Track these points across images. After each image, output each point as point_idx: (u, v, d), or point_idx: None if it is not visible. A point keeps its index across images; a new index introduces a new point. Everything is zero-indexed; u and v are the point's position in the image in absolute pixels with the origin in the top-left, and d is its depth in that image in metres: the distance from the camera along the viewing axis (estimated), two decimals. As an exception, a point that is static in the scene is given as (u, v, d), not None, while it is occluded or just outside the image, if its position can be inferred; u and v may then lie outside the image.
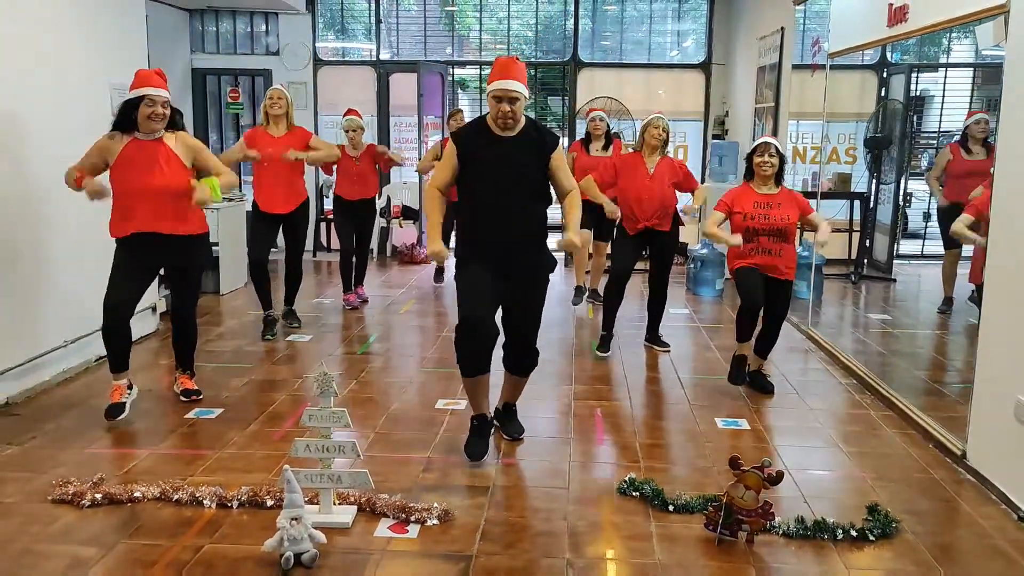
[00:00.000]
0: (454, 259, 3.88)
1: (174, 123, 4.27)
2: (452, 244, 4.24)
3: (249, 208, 6.50)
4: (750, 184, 4.83)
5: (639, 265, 5.70)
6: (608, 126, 6.97)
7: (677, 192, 5.59)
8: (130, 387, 4.37)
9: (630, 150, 5.99)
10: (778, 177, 4.80)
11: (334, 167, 6.77)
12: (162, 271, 4.56)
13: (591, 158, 6.71)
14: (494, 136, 3.67)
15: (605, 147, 6.84)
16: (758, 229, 4.68)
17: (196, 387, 4.63)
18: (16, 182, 4.59)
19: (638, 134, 5.70)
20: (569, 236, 3.75)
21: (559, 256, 3.92)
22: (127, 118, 4.13)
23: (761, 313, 4.83)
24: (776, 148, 4.77)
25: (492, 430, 4.02)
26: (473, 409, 3.93)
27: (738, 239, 4.70)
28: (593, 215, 6.88)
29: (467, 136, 3.75)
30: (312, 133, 6.20)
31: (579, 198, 3.87)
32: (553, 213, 3.90)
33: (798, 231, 5.38)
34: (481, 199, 3.70)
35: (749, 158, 4.85)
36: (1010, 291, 3.54)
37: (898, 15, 4.78)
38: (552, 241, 3.82)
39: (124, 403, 4.27)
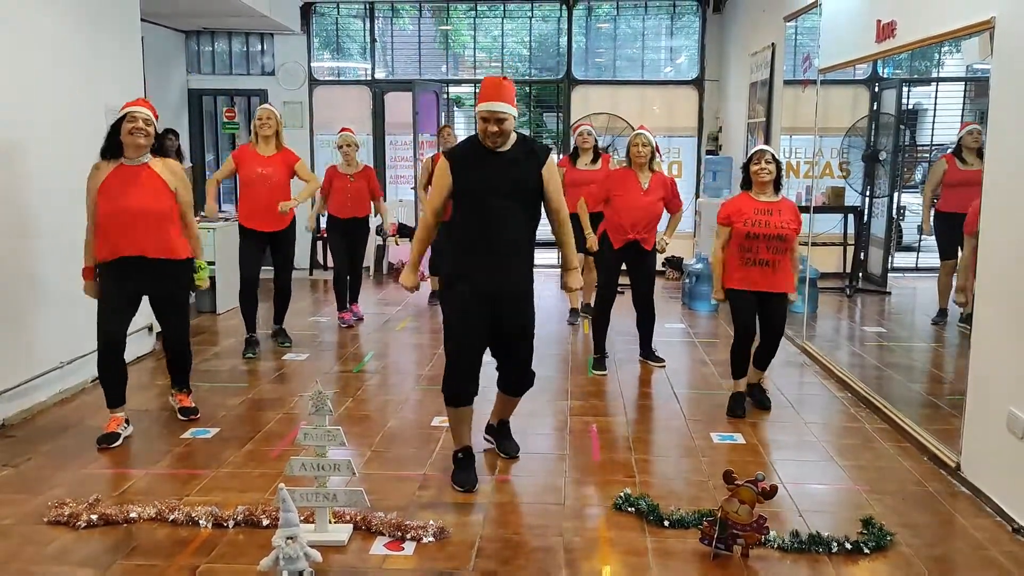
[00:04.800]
0: (444, 279, 3.88)
1: (164, 150, 4.31)
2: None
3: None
4: (748, 193, 4.76)
5: (623, 280, 5.77)
6: (596, 140, 7.03)
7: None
8: (127, 422, 4.38)
9: (621, 165, 6.05)
10: (777, 185, 4.75)
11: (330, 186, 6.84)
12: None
13: (579, 172, 6.79)
14: (487, 151, 3.68)
15: (593, 160, 6.90)
16: (759, 235, 4.61)
17: (194, 405, 4.65)
18: (12, 204, 4.62)
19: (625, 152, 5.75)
20: (569, 280, 3.98)
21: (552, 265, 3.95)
22: (113, 141, 4.19)
23: (758, 327, 4.82)
24: (772, 155, 4.72)
25: (475, 461, 3.93)
26: (456, 443, 3.87)
27: (720, 295, 4.82)
28: (583, 229, 6.93)
29: (460, 153, 3.77)
30: (299, 158, 6.12)
31: (569, 223, 3.91)
32: (544, 227, 3.92)
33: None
34: (474, 213, 3.70)
35: (746, 167, 4.79)
36: (1001, 303, 3.57)
37: (886, 31, 4.83)
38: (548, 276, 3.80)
39: (119, 434, 4.27)
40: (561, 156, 7.88)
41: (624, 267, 5.74)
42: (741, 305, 4.74)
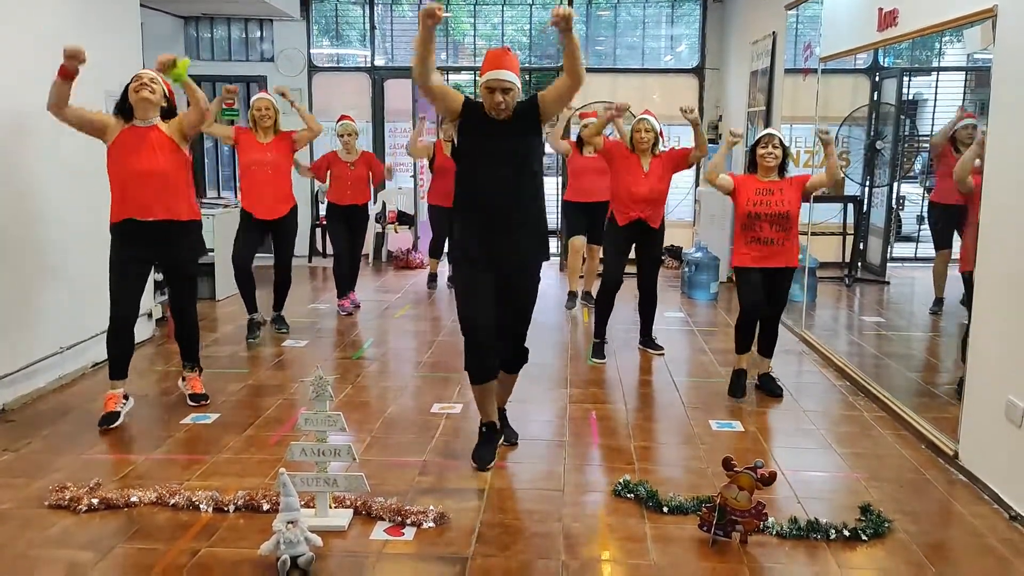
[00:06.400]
0: (449, 256, 3.88)
1: (174, 114, 4.36)
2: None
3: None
4: (753, 175, 4.78)
5: (629, 268, 5.75)
6: None
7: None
8: (125, 397, 4.39)
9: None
10: (781, 169, 4.76)
11: (328, 172, 6.84)
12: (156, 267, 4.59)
13: (585, 159, 6.80)
14: (490, 118, 3.65)
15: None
16: (760, 214, 4.64)
17: (204, 391, 4.66)
18: (11, 189, 4.60)
19: (628, 136, 5.72)
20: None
21: (552, 253, 3.93)
22: (124, 105, 4.27)
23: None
24: (780, 139, 4.74)
25: (498, 438, 3.97)
26: (483, 416, 3.92)
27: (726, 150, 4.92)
28: (586, 217, 6.94)
29: (472, 106, 3.71)
30: (295, 130, 6.13)
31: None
32: (550, 222, 3.89)
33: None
34: (477, 179, 3.69)
35: (752, 149, 4.81)
36: (1000, 292, 3.57)
37: (888, 19, 4.82)
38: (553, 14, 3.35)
39: (119, 412, 4.28)
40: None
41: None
42: (747, 283, 4.75)
